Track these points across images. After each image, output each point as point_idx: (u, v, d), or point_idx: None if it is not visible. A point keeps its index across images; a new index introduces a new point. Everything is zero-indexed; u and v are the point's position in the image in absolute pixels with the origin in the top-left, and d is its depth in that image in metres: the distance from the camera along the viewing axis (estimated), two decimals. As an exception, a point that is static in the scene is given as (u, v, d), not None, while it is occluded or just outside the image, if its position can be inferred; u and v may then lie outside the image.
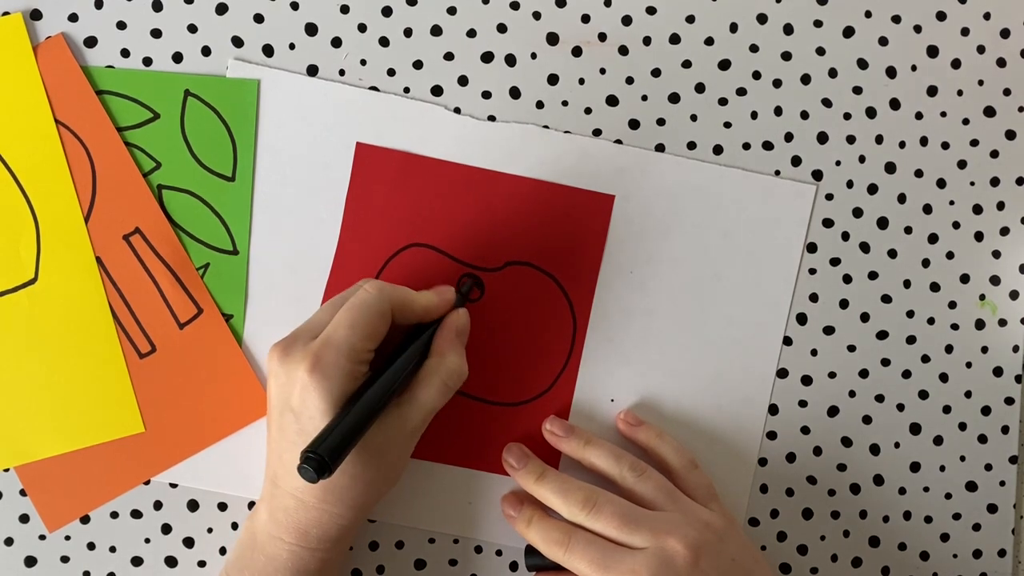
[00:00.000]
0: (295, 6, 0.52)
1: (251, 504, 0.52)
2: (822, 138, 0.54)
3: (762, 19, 0.54)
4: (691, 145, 0.53)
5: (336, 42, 0.53)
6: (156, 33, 0.52)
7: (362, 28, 0.53)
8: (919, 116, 0.54)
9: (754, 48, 0.54)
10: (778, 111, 0.54)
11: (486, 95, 0.53)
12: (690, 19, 0.54)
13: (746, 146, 0.54)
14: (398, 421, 0.46)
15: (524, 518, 0.50)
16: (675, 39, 0.54)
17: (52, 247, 0.51)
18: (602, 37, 0.53)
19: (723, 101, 0.54)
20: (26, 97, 0.51)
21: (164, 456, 0.52)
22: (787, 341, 0.54)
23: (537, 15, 0.53)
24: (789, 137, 0.54)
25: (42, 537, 0.52)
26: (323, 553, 0.46)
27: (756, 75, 0.54)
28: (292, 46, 0.52)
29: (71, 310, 0.51)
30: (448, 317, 0.49)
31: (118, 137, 0.51)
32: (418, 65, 0.53)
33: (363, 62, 0.53)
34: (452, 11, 0.53)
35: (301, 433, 0.44)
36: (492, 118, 0.53)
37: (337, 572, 0.49)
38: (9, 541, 0.52)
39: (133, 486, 0.52)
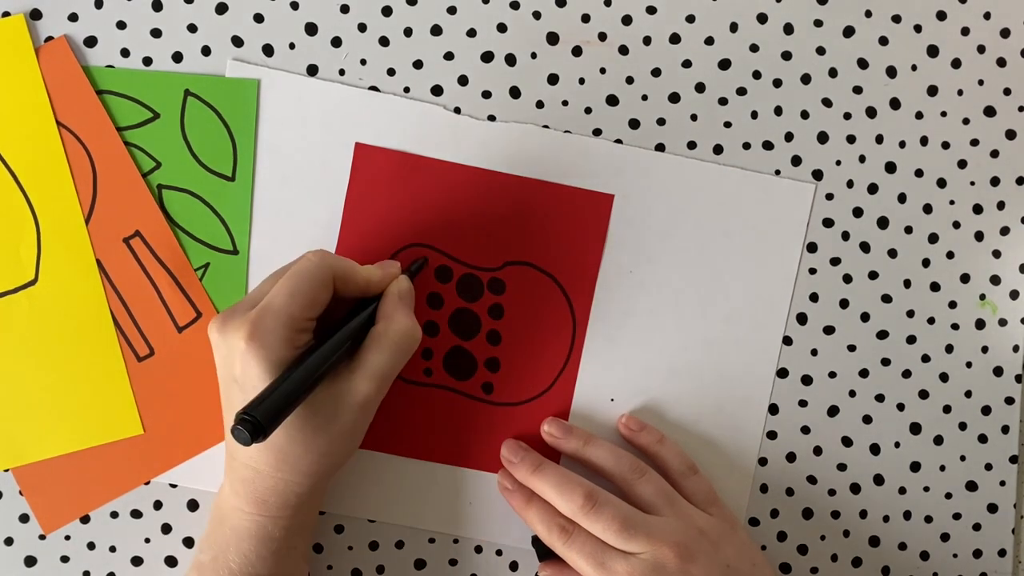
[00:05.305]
0: (295, 6, 0.52)
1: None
2: (822, 138, 0.54)
3: (762, 19, 0.54)
4: (691, 145, 0.53)
5: (336, 42, 0.52)
6: (156, 33, 0.52)
7: (362, 28, 0.53)
8: (919, 116, 0.54)
9: (754, 48, 0.54)
10: (778, 111, 0.54)
11: (486, 95, 0.53)
12: (690, 19, 0.54)
13: (746, 146, 0.54)
14: (349, 387, 0.45)
15: (523, 495, 0.50)
16: (675, 39, 0.54)
17: (52, 249, 0.51)
18: (602, 37, 0.53)
19: (723, 101, 0.54)
20: (28, 98, 0.51)
21: (162, 459, 0.52)
22: (787, 341, 0.54)
23: (537, 15, 0.53)
24: (789, 137, 0.54)
25: (42, 537, 0.52)
26: (285, 520, 0.46)
27: (756, 75, 0.54)
28: (292, 46, 0.52)
29: (71, 312, 0.51)
30: (390, 286, 0.49)
31: (119, 139, 0.51)
32: (418, 65, 0.53)
33: (363, 62, 0.53)
34: (452, 11, 0.53)
35: (246, 403, 0.43)
36: (492, 118, 0.53)
37: (303, 539, 0.49)
38: (9, 541, 0.52)
39: (130, 489, 0.52)
